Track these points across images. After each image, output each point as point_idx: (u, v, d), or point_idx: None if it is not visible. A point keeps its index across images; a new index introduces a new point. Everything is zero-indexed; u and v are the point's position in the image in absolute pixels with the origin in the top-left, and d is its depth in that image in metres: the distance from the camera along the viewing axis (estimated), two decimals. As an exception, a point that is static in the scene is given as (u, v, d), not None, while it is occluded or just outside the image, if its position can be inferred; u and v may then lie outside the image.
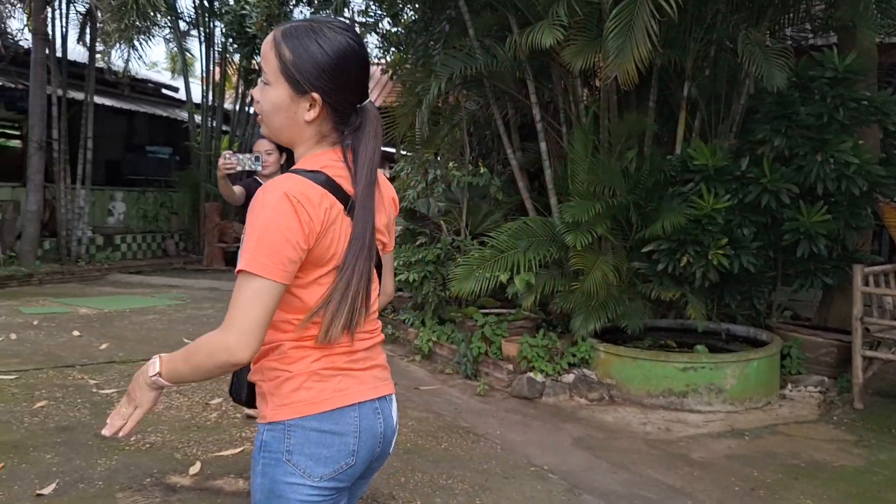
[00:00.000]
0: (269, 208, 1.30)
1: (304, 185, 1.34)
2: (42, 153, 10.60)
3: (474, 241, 6.69)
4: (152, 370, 1.36)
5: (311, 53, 1.39)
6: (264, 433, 1.41)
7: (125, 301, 8.97)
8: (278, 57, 1.40)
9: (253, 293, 1.28)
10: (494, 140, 8.45)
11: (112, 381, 5.11)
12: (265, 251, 1.28)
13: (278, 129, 1.47)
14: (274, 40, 1.42)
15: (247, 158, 3.74)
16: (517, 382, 5.37)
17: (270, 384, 1.42)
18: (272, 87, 1.42)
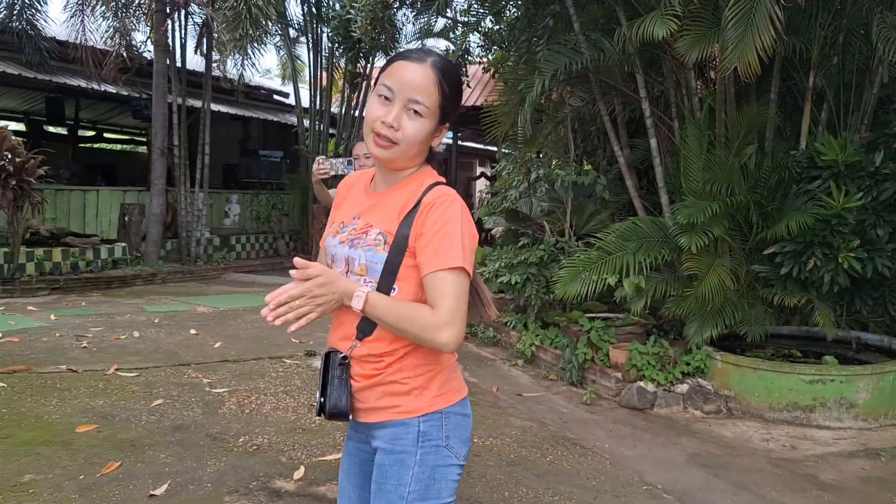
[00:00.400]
0: (465, 215, 1.53)
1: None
2: (164, 159, 11.20)
3: (579, 243, 6.47)
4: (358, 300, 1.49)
5: (460, 90, 1.57)
6: (420, 425, 1.57)
7: (239, 300, 9.32)
8: (441, 92, 1.52)
9: (463, 290, 1.49)
10: (600, 137, 8.17)
11: (224, 381, 5.26)
12: (469, 252, 1.50)
13: (410, 156, 1.58)
14: (436, 76, 1.52)
15: (339, 163, 3.81)
16: (626, 392, 5.13)
17: (421, 379, 1.58)
18: (426, 119, 1.53)
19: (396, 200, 1.60)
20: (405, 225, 1.55)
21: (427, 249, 1.51)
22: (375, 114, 1.55)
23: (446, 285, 1.48)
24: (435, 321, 1.46)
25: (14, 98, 16.83)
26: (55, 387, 4.91)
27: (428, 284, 1.51)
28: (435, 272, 1.49)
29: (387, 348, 1.57)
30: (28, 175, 8.73)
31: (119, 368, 5.44)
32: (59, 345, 6.20)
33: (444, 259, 1.48)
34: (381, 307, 1.49)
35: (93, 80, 10.72)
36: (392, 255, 1.55)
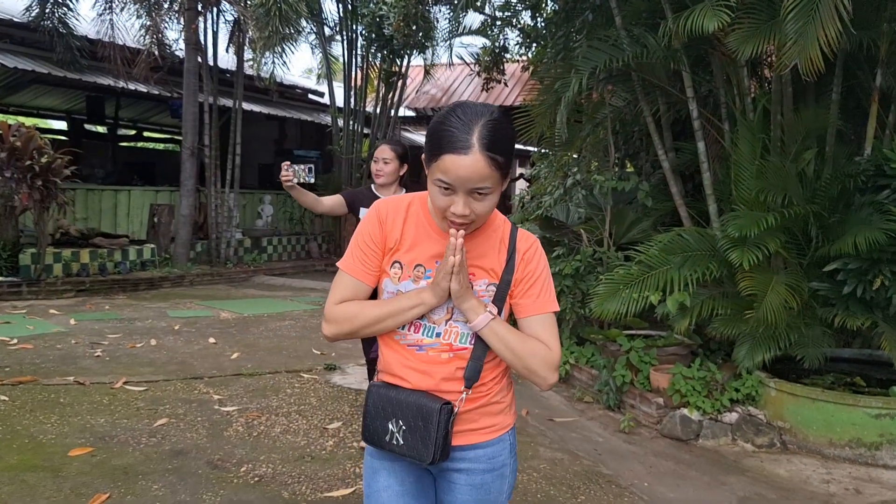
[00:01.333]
0: (543, 256, 1.72)
1: None
2: (194, 159, 11.03)
3: (619, 253, 6.02)
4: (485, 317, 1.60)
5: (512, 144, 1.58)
6: (509, 438, 1.74)
7: (265, 305, 9.07)
8: (498, 168, 1.51)
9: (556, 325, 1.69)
10: (642, 140, 7.68)
11: (235, 398, 4.96)
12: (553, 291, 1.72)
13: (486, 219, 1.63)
14: (487, 158, 1.49)
15: (301, 170, 3.73)
16: (669, 420, 4.68)
17: (509, 395, 1.76)
18: (493, 193, 1.55)
19: (486, 245, 1.68)
20: (507, 272, 1.66)
21: (531, 292, 1.67)
22: (442, 204, 1.55)
23: (553, 327, 1.67)
24: (552, 358, 1.63)
25: (56, 97, 16.99)
26: (58, 401, 4.67)
27: (533, 326, 1.66)
28: (542, 314, 1.67)
29: (493, 374, 1.69)
30: (54, 175, 8.60)
31: (128, 381, 5.18)
32: (72, 353, 5.99)
33: (547, 302, 1.68)
34: (504, 330, 1.61)
35: (120, 78, 10.58)
36: (497, 301, 1.65)
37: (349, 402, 5.00)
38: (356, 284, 1.67)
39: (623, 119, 7.27)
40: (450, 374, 1.64)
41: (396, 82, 14.15)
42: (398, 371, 1.67)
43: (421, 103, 17.08)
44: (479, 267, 1.66)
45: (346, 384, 5.47)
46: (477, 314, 1.59)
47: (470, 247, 1.63)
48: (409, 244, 1.67)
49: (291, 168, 3.67)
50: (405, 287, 1.65)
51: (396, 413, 1.62)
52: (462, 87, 16.66)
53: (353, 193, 4.12)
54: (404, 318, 1.63)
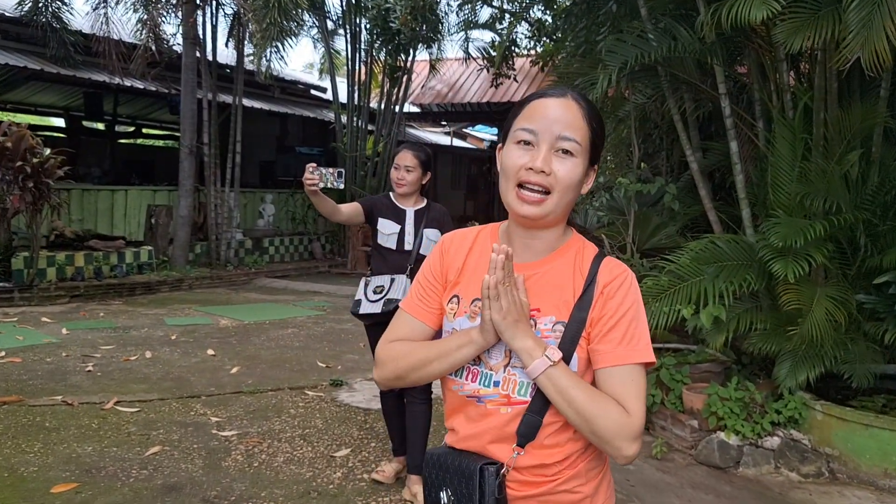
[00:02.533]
0: (635, 293, 1.35)
1: None
2: (192, 158, 10.65)
3: (643, 261, 5.64)
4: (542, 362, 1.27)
5: (603, 126, 1.38)
6: None
7: (267, 311, 8.70)
8: (590, 127, 1.33)
9: (645, 382, 1.31)
10: (662, 139, 7.31)
11: (234, 420, 4.60)
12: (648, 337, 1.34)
13: (563, 208, 1.35)
14: (583, 108, 1.34)
15: (329, 174, 3.22)
16: (705, 446, 4.31)
17: (591, 485, 1.38)
18: (578, 159, 1.32)
19: (560, 276, 1.37)
20: (580, 308, 1.33)
21: (611, 336, 1.32)
22: (518, 162, 1.31)
23: (636, 384, 1.30)
24: (629, 425, 1.27)
25: (54, 94, 16.60)
26: (43, 426, 4.30)
27: (611, 380, 1.30)
28: (623, 365, 1.30)
29: (561, 456, 1.34)
30: (47, 176, 8.23)
31: (120, 401, 4.82)
32: (62, 367, 5.63)
33: (634, 351, 1.31)
34: (568, 381, 1.27)
35: (116, 74, 10.18)
36: (565, 345, 1.32)
37: (357, 425, 4.63)
38: (412, 323, 1.45)
39: (644, 117, 6.88)
40: (503, 433, 1.34)
41: (401, 77, 13.75)
42: (456, 426, 1.42)
43: (426, 99, 16.69)
44: (548, 301, 1.35)
45: (354, 402, 5.11)
46: (532, 358, 1.27)
47: (537, 276, 1.37)
48: (471, 276, 1.42)
49: (318, 171, 3.20)
50: (460, 325, 1.39)
51: (446, 480, 1.37)
52: (469, 83, 16.26)
53: (372, 202, 3.74)
54: (453, 360, 1.35)
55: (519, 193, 1.31)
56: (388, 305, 3.55)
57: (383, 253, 3.71)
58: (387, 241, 3.70)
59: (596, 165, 1.39)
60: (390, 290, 3.62)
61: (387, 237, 3.69)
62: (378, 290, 3.66)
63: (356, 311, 3.68)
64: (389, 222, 3.68)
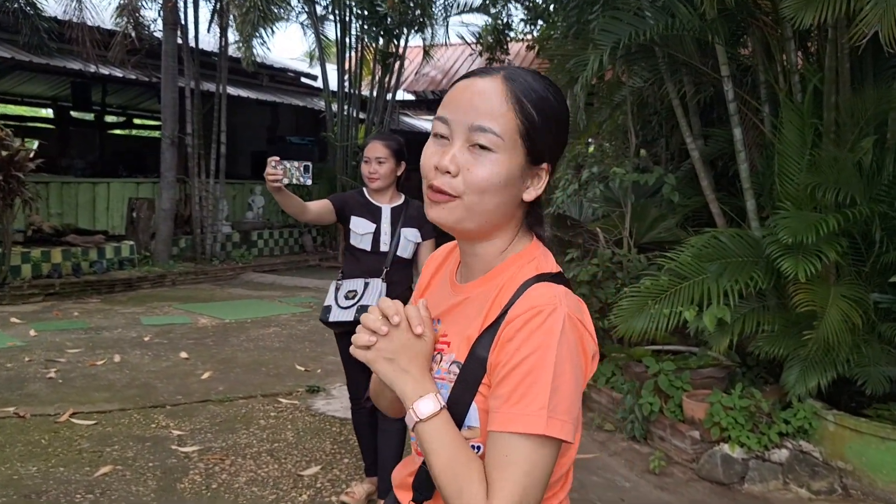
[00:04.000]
0: (568, 342, 0.97)
1: (577, 302, 1.04)
2: (174, 149, 10.27)
3: (640, 255, 5.28)
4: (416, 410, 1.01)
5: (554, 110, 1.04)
6: None
7: (250, 308, 8.35)
8: (520, 113, 1.02)
9: (540, 470, 0.95)
10: (661, 125, 6.91)
11: (197, 433, 4.25)
12: (567, 406, 0.96)
13: (486, 216, 1.05)
14: (510, 89, 1.03)
15: (294, 168, 2.84)
16: (707, 459, 3.96)
17: None
18: (500, 155, 1.02)
19: (478, 305, 1.10)
20: (481, 346, 1.04)
21: (500, 392, 0.99)
22: (428, 161, 1.06)
23: (514, 463, 0.94)
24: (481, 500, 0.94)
25: (40, 84, 16.20)
26: (-13, 443, 3.96)
27: (490, 449, 0.98)
28: (504, 433, 0.96)
29: None
30: (17, 169, 7.86)
31: (76, 413, 4.48)
32: (22, 373, 5.29)
33: (519, 416, 0.95)
34: (432, 440, 0.99)
35: (91, 62, 9.79)
36: (457, 391, 1.05)
37: (331, 437, 4.29)
38: None
39: (642, 102, 6.49)
40: (406, 482, 1.16)
41: (393, 64, 13.34)
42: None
43: (420, 86, 16.28)
44: (458, 335, 1.10)
45: (331, 411, 4.76)
46: (409, 403, 1.02)
47: (464, 302, 1.12)
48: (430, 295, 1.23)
49: (282, 165, 2.82)
50: None
51: None
52: (463, 69, 15.83)
53: (344, 198, 3.37)
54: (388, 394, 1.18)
55: (428, 195, 1.06)
56: (360, 313, 3.19)
57: (356, 254, 3.34)
58: (360, 241, 3.33)
59: (546, 164, 1.08)
60: (364, 295, 3.26)
61: (360, 237, 3.32)
62: (350, 296, 3.29)
63: (325, 319, 3.31)
64: (363, 221, 3.31)
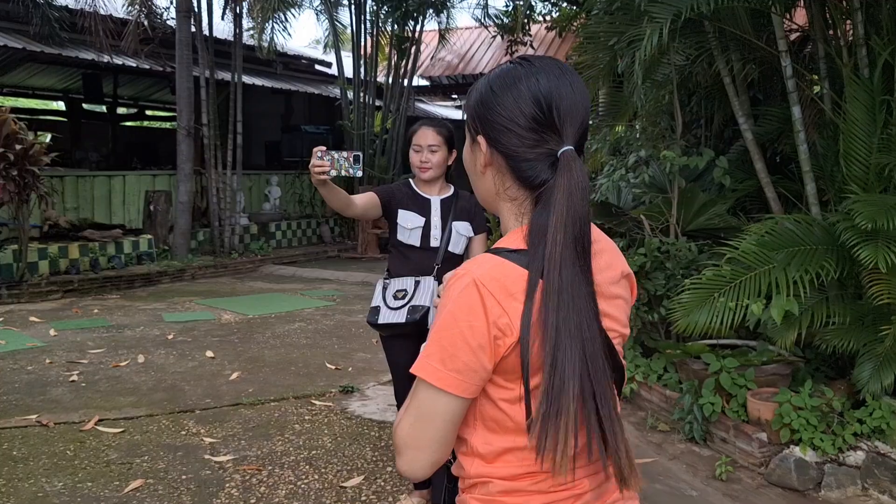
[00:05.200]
0: (451, 300, 1.08)
1: (501, 267, 1.08)
2: (190, 140, 10.03)
3: (691, 244, 4.98)
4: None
5: (478, 88, 1.18)
6: None
7: (272, 302, 8.12)
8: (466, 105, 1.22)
9: (425, 411, 1.08)
10: (701, 104, 6.58)
11: (230, 440, 4.01)
12: (439, 352, 1.07)
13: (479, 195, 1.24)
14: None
15: (343, 158, 2.48)
16: (779, 464, 3.68)
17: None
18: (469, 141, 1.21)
19: None
20: None
21: None
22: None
23: (413, 393, 1.10)
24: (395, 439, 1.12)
25: (51, 76, 16.04)
26: (10, 455, 3.74)
27: None
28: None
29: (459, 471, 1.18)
30: (32, 163, 7.64)
31: (102, 419, 4.25)
32: (43, 377, 5.07)
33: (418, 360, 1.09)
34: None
35: (104, 52, 9.53)
36: None
37: (371, 443, 4.03)
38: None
39: (680, 82, 6.15)
40: None
41: (409, 49, 13.03)
42: None
43: (436, 71, 15.95)
44: None
45: (367, 413, 4.51)
46: None
47: None
48: None
49: (329, 155, 2.48)
50: None
51: None
52: (480, 53, 15.50)
53: (390, 191, 3.09)
54: None
55: None
56: (413, 314, 2.92)
57: (404, 251, 3.07)
58: (409, 236, 3.05)
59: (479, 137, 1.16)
60: (415, 294, 2.98)
61: (409, 232, 3.04)
62: (399, 295, 3.02)
63: (374, 321, 3.04)
64: (412, 214, 3.03)
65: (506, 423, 1.10)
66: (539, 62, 1.14)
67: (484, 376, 1.07)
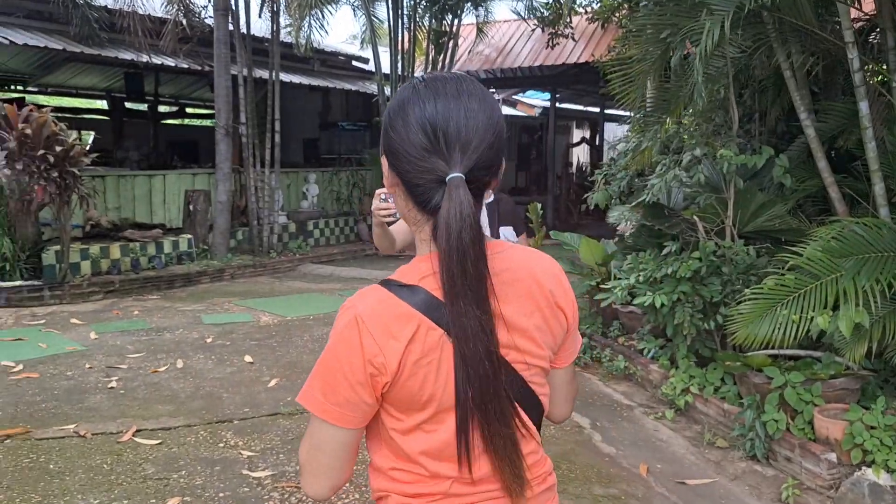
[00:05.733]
0: (335, 333, 1.11)
1: (384, 304, 1.09)
2: (229, 139, 9.98)
3: (749, 248, 4.72)
4: None
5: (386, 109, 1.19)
6: None
7: (311, 303, 8.03)
8: None
9: (314, 438, 1.14)
10: (755, 98, 6.27)
11: (269, 454, 3.89)
12: (320, 384, 1.11)
13: None
14: None
15: None
16: (850, 487, 3.42)
17: None
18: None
19: None
20: None
21: None
22: None
23: (309, 424, 1.16)
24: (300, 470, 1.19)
25: (94, 75, 16.24)
26: (46, 468, 3.67)
27: None
28: None
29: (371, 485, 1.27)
30: (72, 164, 7.65)
31: (140, 430, 4.17)
32: (82, 383, 5.03)
33: None
34: None
35: (143, 52, 9.53)
36: None
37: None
38: None
39: (736, 74, 5.86)
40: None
41: (447, 43, 12.82)
42: None
43: (474, 65, 15.69)
44: None
45: (409, 425, 4.35)
46: None
47: None
48: None
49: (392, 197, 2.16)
50: None
51: None
52: (519, 46, 15.19)
53: None
54: None
55: None
56: None
57: None
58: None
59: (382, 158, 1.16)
60: None
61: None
62: None
63: None
64: None
65: (398, 450, 1.14)
66: (436, 83, 1.11)
67: (367, 409, 1.11)
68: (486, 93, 1.13)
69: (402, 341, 1.06)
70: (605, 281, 6.29)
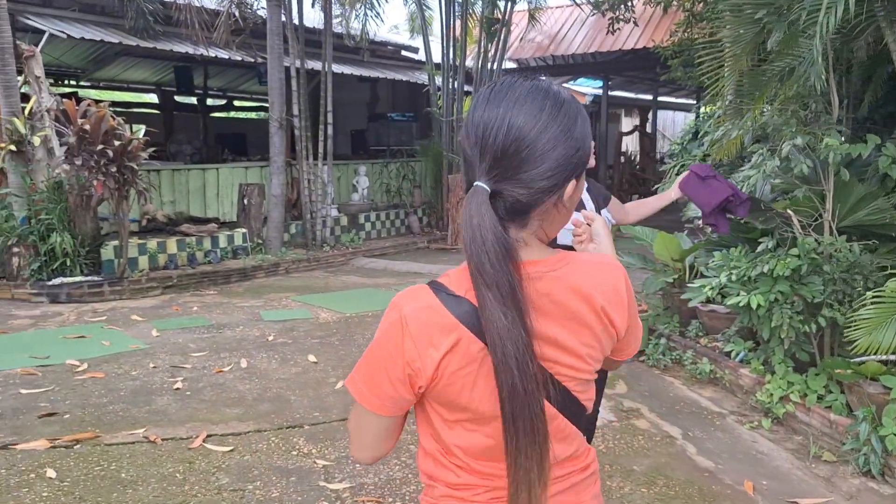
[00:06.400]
0: (382, 327, 1.15)
1: (430, 312, 1.10)
2: (283, 132, 9.86)
3: (854, 244, 4.35)
4: None
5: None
6: None
7: (366, 298, 7.87)
8: None
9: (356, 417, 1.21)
10: (841, 84, 5.85)
11: (344, 463, 3.70)
12: (364, 375, 1.16)
13: None
14: None
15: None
16: None
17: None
18: None
19: None
20: None
21: None
22: None
23: None
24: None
25: (145, 69, 16.34)
26: (118, 477, 3.53)
27: None
28: None
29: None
30: (130, 159, 7.60)
31: (210, 436, 4.02)
32: (148, 384, 4.92)
33: None
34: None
35: (200, 44, 9.45)
36: None
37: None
38: None
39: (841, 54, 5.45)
40: None
41: (499, 31, 12.51)
42: None
43: (525, 53, 15.36)
44: None
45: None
46: None
47: None
48: None
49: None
50: None
51: None
52: (572, 32, 14.81)
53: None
54: None
55: None
56: None
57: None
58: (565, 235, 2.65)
59: None
60: None
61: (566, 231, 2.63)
62: None
63: None
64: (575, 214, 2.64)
65: (440, 438, 1.17)
66: (502, 88, 1.10)
67: (405, 403, 1.15)
68: (562, 106, 1.08)
69: (441, 351, 1.08)
70: (682, 278, 5.97)
